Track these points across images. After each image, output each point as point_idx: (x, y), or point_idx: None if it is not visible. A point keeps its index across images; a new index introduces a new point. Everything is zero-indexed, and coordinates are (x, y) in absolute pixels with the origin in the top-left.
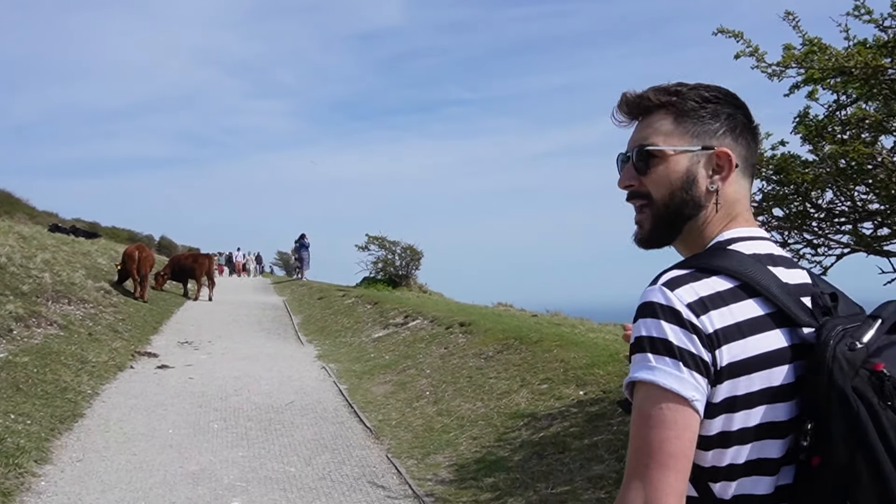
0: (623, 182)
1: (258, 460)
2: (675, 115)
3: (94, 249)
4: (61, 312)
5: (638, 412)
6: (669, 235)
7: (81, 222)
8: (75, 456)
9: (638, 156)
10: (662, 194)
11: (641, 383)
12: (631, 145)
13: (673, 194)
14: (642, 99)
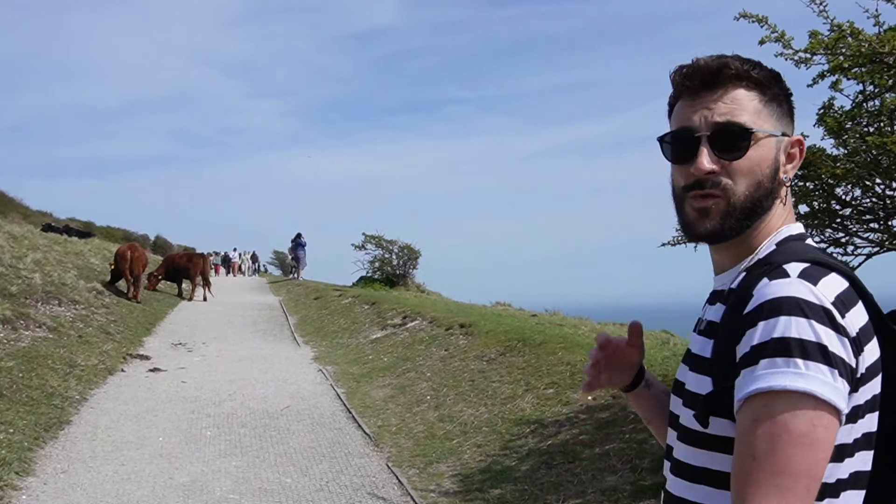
0: (707, 166)
1: (252, 470)
2: (760, 93)
3: (88, 249)
4: (51, 314)
5: (778, 426)
6: (740, 230)
7: (76, 222)
8: (60, 467)
9: (729, 135)
10: (748, 183)
11: (785, 393)
12: (703, 122)
13: (759, 184)
14: (725, 67)
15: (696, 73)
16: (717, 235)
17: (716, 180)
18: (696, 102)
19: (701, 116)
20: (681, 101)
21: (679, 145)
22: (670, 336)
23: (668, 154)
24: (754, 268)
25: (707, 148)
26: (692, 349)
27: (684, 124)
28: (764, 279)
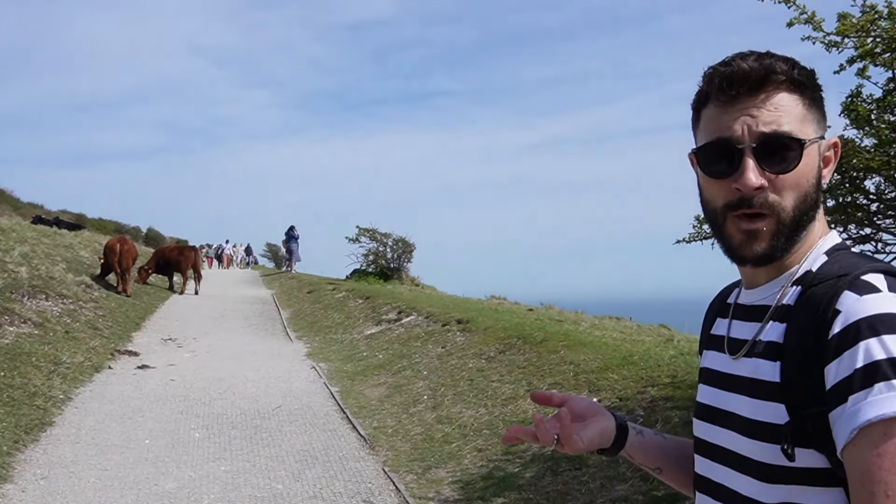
0: (756, 181)
1: (242, 476)
2: (802, 95)
3: (77, 242)
4: (37, 309)
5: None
6: (790, 248)
7: (68, 214)
8: (40, 472)
9: (778, 147)
10: (796, 196)
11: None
12: (747, 132)
13: (806, 196)
14: (772, 72)
15: (741, 80)
16: (768, 258)
17: (764, 197)
18: (735, 108)
19: (743, 125)
20: (713, 105)
21: (718, 158)
22: (670, 331)
23: (705, 168)
24: (810, 282)
25: (753, 161)
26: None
27: (724, 134)
28: (848, 293)
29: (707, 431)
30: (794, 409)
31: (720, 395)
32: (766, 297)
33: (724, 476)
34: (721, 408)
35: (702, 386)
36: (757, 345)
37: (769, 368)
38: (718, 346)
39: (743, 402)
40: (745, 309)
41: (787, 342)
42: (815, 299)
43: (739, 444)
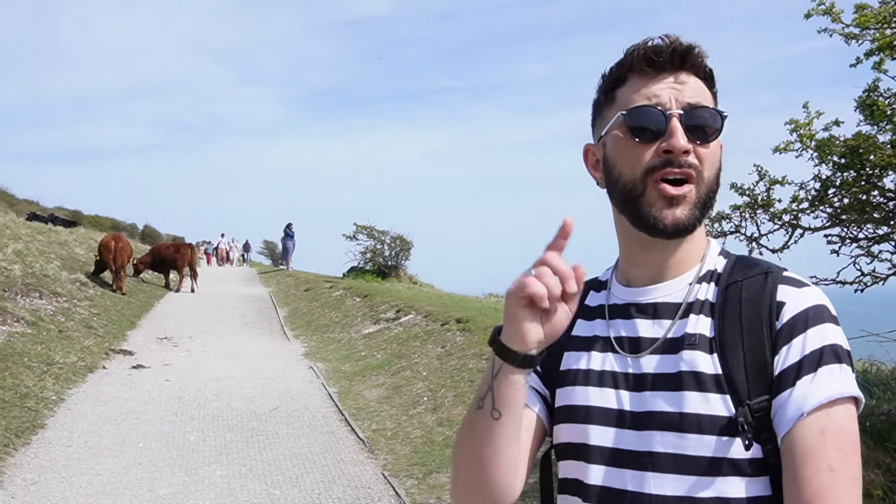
0: (684, 143)
1: (238, 480)
2: (711, 89)
3: (73, 239)
4: (30, 307)
5: (844, 434)
6: (699, 223)
7: (63, 210)
8: (30, 477)
9: (703, 117)
10: (711, 171)
11: (843, 400)
12: (674, 101)
13: (716, 178)
14: (693, 48)
15: (666, 50)
16: (686, 228)
17: (689, 160)
18: (660, 79)
19: (670, 94)
20: (636, 78)
21: (647, 122)
22: None
23: (634, 132)
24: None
25: (681, 127)
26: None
27: (653, 101)
28: (786, 287)
29: (620, 438)
30: (738, 400)
31: (637, 396)
32: (673, 294)
33: (644, 483)
34: (643, 410)
35: (587, 389)
36: (686, 339)
37: (707, 361)
38: (600, 347)
39: (675, 398)
40: (642, 307)
41: (726, 335)
42: (752, 295)
43: (672, 441)
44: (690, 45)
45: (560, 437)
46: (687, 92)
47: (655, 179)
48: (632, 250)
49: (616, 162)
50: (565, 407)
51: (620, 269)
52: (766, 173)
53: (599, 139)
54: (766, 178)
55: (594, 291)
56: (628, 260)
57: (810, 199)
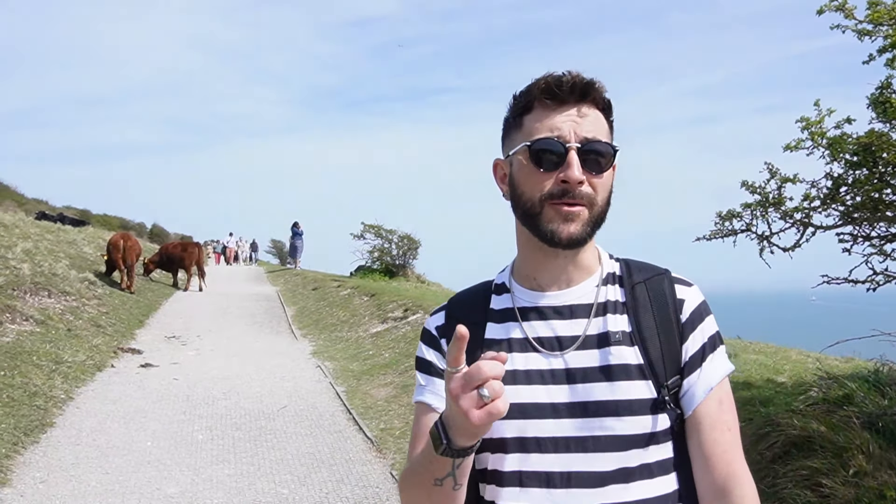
0: (580, 176)
1: (246, 479)
2: (608, 119)
3: (81, 238)
4: (39, 306)
5: (730, 399)
6: (591, 236)
7: (72, 210)
8: (39, 476)
9: (598, 151)
10: (604, 196)
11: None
12: (573, 134)
13: (609, 198)
14: (594, 83)
15: (567, 84)
16: (580, 241)
17: (583, 190)
18: (562, 112)
19: (571, 128)
20: (540, 109)
21: (548, 153)
22: None
23: (536, 159)
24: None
25: (577, 159)
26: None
27: (554, 133)
28: (681, 287)
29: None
30: (658, 383)
31: (569, 389)
32: (583, 296)
33: (586, 462)
34: (578, 400)
35: (517, 387)
36: (611, 335)
37: (631, 353)
38: (519, 347)
39: (609, 388)
40: (556, 309)
41: (643, 329)
42: (657, 293)
43: (611, 424)
44: (591, 80)
45: (492, 434)
46: (585, 125)
47: (553, 202)
48: (536, 258)
49: (519, 183)
50: None
51: (522, 274)
52: (778, 171)
53: (507, 157)
54: (778, 176)
55: (495, 295)
56: (532, 266)
57: (822, 198)
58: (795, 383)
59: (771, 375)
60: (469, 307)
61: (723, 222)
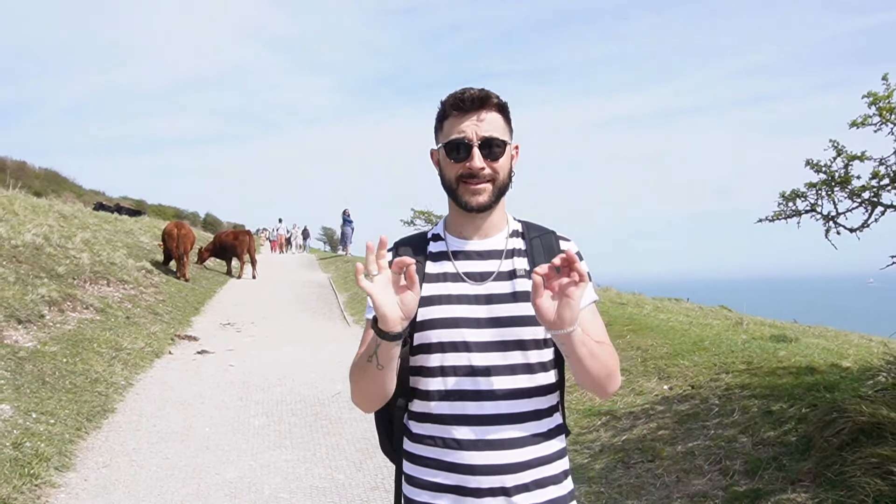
0: (480, 164)
1: (303, 465)
2: (504, 115)
3: (138, 228)
4: (98, 295)
5: (595, 316)
6: (496, 203)
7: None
8: (102, 460)
9: (493, 144)
10: (503, 174)
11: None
12: (475, 135)
13: (508, 174)
14: (490, 96)
15: (469, 99)
16: (487, 207)
17: (485, 173)
18: (466, 118)
19: (473, 130)
20: (452, 117)
21: (458, 149)
22: (733, 313)
23: (449, 155)
24: (528, 235)
25: (479, 152)
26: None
27: (461, 135)
28: (563, 241)
29: (479, 334)
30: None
31: (487, 308)
32: (497, 244)
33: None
34: (494, 316)
35: (451, 306)
36: (516, 272)
37: (528, 283)
38: (451, 279)
39: (515, 307)
40: (479, 253)
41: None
42: (547, 246)
43: (516, 332)
44: (486, 92)
45: (430, 339)
46: (484, 126)
47: (464, 182)
48: (461, 217)
49: (442, 168)
50: (434, 320)
51: (452, 227)
52: (844, 149)
53: (437, 149)
54: (844, 154)
55: (433, 241)
56: (459, 222)
57: (892, 175)
58: (861, 368)
59: (835, 360)
60: (412, 248)
61: (786, 203)
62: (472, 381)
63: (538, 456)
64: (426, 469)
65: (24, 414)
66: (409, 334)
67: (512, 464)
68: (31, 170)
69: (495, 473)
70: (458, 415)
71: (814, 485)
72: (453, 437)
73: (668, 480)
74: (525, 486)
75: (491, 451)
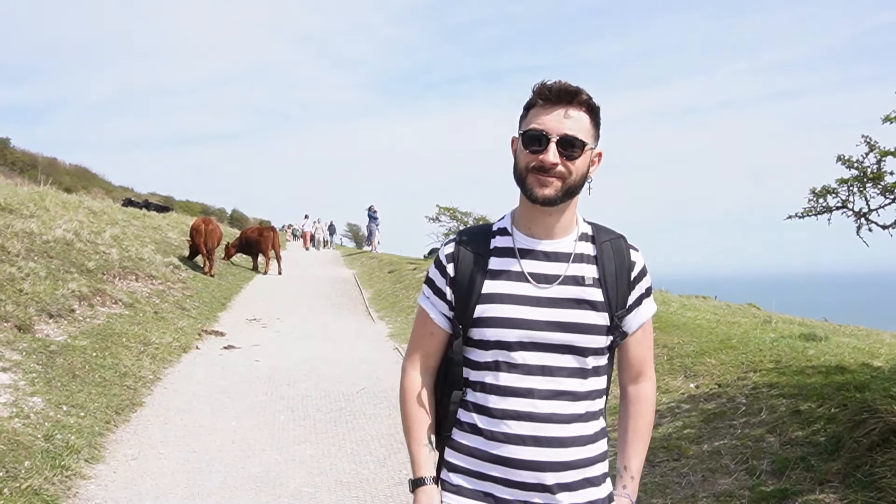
0: (553, 160)
1: (328, 460)
2: (592, 118)
3: (166, 223)
4: (127, 290)
5: (651, 331)
6: (564, 201)
7: (156, 196)
8: (130, 453)
9: (571, 143)
10: (576, 174)
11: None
12: (556, 129)
13: (582, 177)
14: (580, 92)
15: (559, 91)
16: (552, 201)
17: (556, 169)
18: (552, 111)
19: (554, 124)
20: (538, 107)
21: (535, 140)
22: (762, 311)
23: (526, 144)
24: (598, 239)
25: (556, 147)
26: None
27: (541, 127)
28: (632, 251)
29: (537, 336)
30: (612, 315)
31: (549, 311)
32: (566, 246)
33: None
34: (554, 320)
35: (513, 306)
36: (584, 279)
37: (596, 293)
38: (515, 277)
39: (577, 314)
40: (546, 254)
41: (605, 276)
42: (617, 252)
43: (573, 338)
44: (576, 88)
45: (488, 336)
46: (568, 123)
47: (535, 173)
48: (530, 213)
49: (517, 156)
50: (494, 318)
51: (521, 222)
52: (877, 144)
53: (518, 136)
54: (877, 149)
55: (499, 236)
56: (529, 218)
57: None
58: (893, 367)
59: (866, 359)
60: (476, 242)
61: (817, 199)
62: (526, 380)
63: (582, 457)
64: (471, 458)
65: (55, 407)
66: (463, 329)
67: (556, 462)
68: (62, 166)
69: (538, 470)
70: (509, 410)
71: (842, 485)
72: (502, 431)
73: (694, 479)
74: (567, 486)
75: (537, 447)
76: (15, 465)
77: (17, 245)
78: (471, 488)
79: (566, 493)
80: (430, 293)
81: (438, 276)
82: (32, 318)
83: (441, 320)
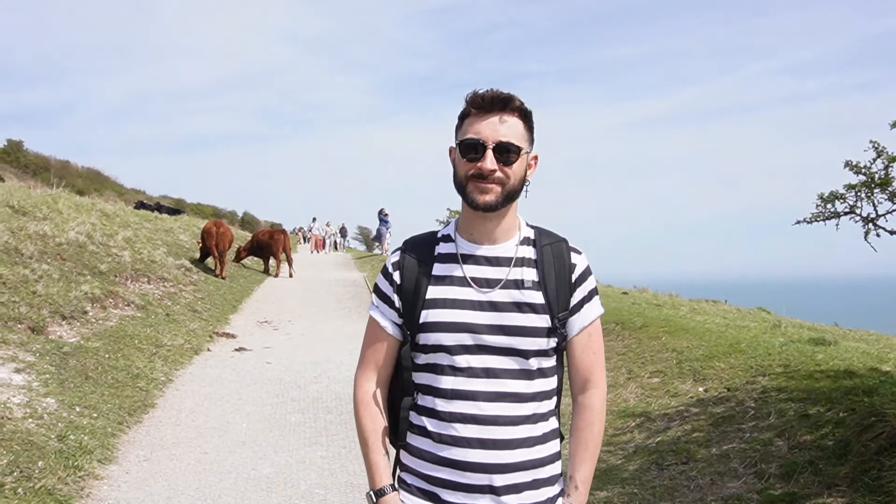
0: (490, 167)
1: (338, 461)
2: (525, 122)
3: (177, 226)
4: (139, 292)
5: (598, 335)
6: (504, 206)
7: (168, 199)
8: (142, 454)
9: (507, 149)
10: (514, 179)
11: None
12: (491, 137)
13: (520, 181)
14: (513, 99)
15: (491, 99)
16: (493, 207)
17: (494, 175)
18: (485, 119)
19: (489, 132)
20: (472, 116)
21: (472, 148)
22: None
23: (464, 153)
24: (539, 243)
25: (492, 154)
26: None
27: (477, 136)
28: (573, 253)
29: (480, 339)
30: (553, 317)
31: (491, 315)
32: (507, 251)
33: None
34: (497, 323)
35: (456, 311)
36: (524, 282)
37: (537, 296)
38: (458, 283)
39: (518, 317)
40: (487, 258)
41: (546, 280)
42: (557, 255)
43: (516, 341)
44: (509, 95)
45: (433, 341)
46: (502, 129)
47: (474, 181)
48: (472, 219)
49: (456, 165)
50: (438, 323)
51: (464, 229)
52: (884, 150)
53: (454, 146)
54: (885, 154)
55: (443, 243)
56: (470, 224)
57: None
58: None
59: (875, 364)
60: (420, 249)
61: (824, 204)
62: (470, 383)
63: (531, 458)
64: (421, 461)
65: (68, 407)
66: (411, 334)
67: (504, 464)
68: (75, 169)
69: (486, 472)
70: (456, 413)
71: (850, 489)
72: (450, 434)
73: (702, 483)
74: (515, 487)
75: (484, 450)
76: (29, 466)
77: (31, 247)
78: (419, 488)
79: (513, 496)
80: (378, 302)
81: (386, 284)
82: (46, 320)
83: (391, 328)
